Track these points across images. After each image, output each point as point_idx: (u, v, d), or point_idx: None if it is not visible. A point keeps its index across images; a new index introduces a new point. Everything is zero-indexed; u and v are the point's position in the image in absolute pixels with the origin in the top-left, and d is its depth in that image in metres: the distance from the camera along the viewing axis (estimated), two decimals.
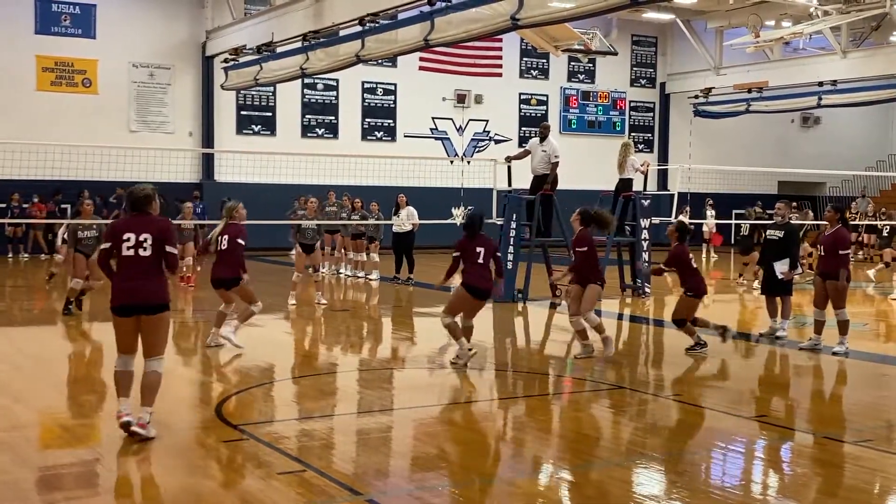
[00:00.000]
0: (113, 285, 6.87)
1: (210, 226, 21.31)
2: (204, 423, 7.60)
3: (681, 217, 19.35)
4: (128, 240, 6.73)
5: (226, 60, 23.63)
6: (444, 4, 15.19)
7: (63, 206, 23.58)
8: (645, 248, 16.73)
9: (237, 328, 10.76)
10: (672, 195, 21.38)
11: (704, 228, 27.11)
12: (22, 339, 11.91)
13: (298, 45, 20.25)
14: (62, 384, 7.49)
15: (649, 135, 33.24)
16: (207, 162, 26.05)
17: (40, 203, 23.06)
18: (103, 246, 6.97)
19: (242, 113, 26.73)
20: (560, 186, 15.96)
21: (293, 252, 15.93)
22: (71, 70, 24.44)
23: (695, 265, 10.94)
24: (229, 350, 10.65)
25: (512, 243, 15.60)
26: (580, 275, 10.36)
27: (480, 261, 9.41)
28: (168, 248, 6.80)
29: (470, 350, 9.64)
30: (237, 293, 10.67)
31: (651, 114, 33.29)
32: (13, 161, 19.61)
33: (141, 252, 6.71)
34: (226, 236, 10.52)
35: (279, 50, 21.31)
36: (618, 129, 32.30)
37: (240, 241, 10.48)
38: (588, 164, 27.69)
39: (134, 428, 6.71)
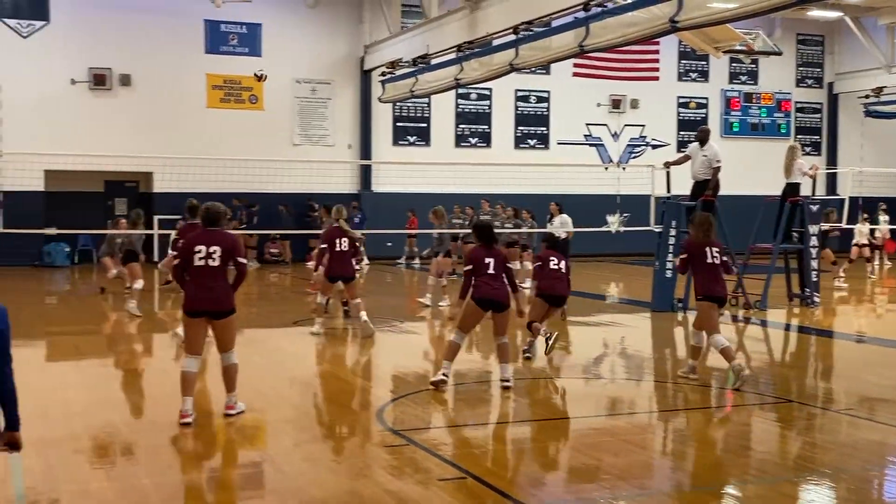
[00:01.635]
0: (186, 291, 7.68)
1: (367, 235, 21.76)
2: (365, 427, 7.78)
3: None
4: (199, 251, 7.57)
5: (383, 74, 24.19)
6: (599, 10, 15.02)
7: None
8: (814, 256, 16.00)
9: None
10: (842, 200, 20.43)
11: (878, 234, 25.67)
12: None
13: (453, 56, 20.50)
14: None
15: (817, 137, 31.82)
16: (365, 173, 26.71)
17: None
18: (175, 262, 7.89)
19: (398, 124, 27.28)
20: (722, 192, 15.50)
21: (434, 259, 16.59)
22: (238, 87, 25.56)
23: (554, 266, 10.40)
24: (386, 355, 10.92)
25: (671, 251, 15.25)
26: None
27: (491, 271, 8.94)
28: (238, 259, 7.71)
29: (444, 375, 8.97)
30: (350, 288, 12.33)
31: (818, 115, 31.87)
32: (185, 175, 20.70)
33: (210, 263, 7.54)
34: (345, 239, 12.08)
35: (434, 62, 21.64)
36: (783, 131, 31.09)
37: (358, 244, 12.44)
38: (751, 169, 26.80)
39: (226, 412, 7.77)
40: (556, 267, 10.44)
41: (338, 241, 12.05)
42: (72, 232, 16.98)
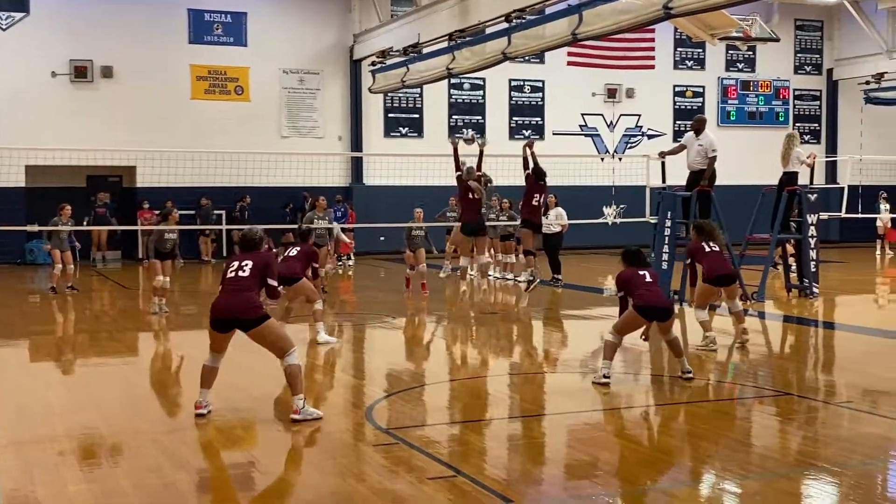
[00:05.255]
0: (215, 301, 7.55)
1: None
2: (355, 426, 7.58)
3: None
4: (231, 267, 7.56)
5: (373, 63, 23.92)
6: None
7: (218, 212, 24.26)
8: (812, 246, 15.78)
9: None
10: (842, 189, 20.24)
11: (878, 224, 25.49)
12: (180, 344, 12.25)
13: (444, 45, 20.26)
14: (219, 387, 7.66)
15: (816, 125, 31.60)
16: (356, 165, 26.41)
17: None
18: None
19: (390, 115, 26.97)
20: (718, 182, 15.28)
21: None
22: (224, 78, 25.15)
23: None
24: (380, 353, 10.73)
25: (667, 242, 15.05)
26: None
27: (648, 279, 8.93)
28: (269, 281, 7.56)
29: (606, 377, 8.83)
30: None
31: (817, 102, 31.64)
32: (170, 169, 20.42)
33: (240, 273, 7.44)
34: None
35: (425, 51, 21.40)
36: (781, 119, 30.89)
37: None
38: (749, 158, 26.59)
39: (291, 416, 7.36)
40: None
41: None
42: (54, 229, 16.71)
